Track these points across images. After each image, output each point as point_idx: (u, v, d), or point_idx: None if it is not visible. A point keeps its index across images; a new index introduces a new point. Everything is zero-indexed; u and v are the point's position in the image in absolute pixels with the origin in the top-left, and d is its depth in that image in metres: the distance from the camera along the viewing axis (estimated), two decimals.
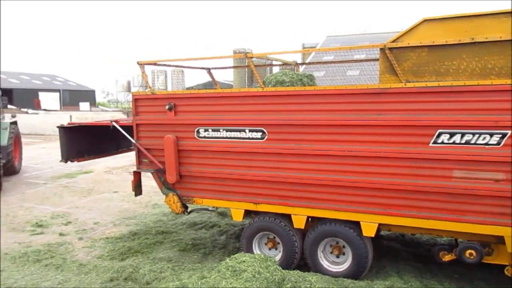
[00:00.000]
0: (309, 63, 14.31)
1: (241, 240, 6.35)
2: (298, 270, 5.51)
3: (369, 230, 5.43)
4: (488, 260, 5.17)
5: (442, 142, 4.84)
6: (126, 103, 55.03)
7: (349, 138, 5.30)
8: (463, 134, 4.74)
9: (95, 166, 14.71)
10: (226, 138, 6.00)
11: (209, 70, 8.16)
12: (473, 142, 4.71)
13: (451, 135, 4.80)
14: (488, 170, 4.70)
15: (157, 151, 6.51)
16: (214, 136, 6.08)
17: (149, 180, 8.05)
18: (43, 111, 33.90)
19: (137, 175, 7.08)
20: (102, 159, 8.83)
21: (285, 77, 6.45)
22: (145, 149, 6.60)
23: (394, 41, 5.29)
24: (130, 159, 15.00)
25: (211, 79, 8.40)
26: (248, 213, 6.26)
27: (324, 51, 27.76)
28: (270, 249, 6.21)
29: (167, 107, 6.28)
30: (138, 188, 7.16)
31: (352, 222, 5.54)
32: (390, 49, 5.19)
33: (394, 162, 5.11)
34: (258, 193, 5.95)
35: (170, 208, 6.66)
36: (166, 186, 6.58)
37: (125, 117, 22.00)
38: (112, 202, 10.48)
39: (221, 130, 6.03)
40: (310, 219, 5.86)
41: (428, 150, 4.92)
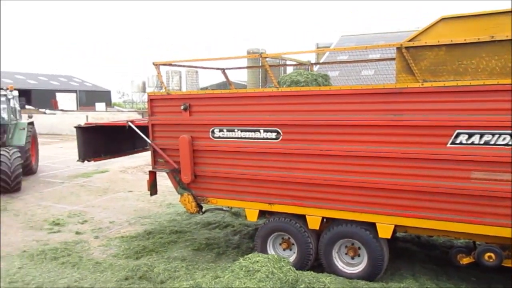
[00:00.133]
0: (323, 63, 14.24)
1: (255, 240, 6.34)
2: (311, 271, 5.48)
3: (385, 232, 5.36)
4: (508, 263, 5.05)
5: (460, 143, 4.75)
6: (141, 104, 55.60)
7: (365, 138, 5.24)
8: (482, 135, 4.64)
9: (111, 165, 14.89)
10: (241, 138, 6.00)
11: (223, 71, 8.18)
12: (492, 142, 4.60)
13: (470, 136, 4.70)
14: (508, 172, 4.59)
15: (172, 151, 6.54)
16: (228, 136, 6.09)
17: (164, 179, 8.10)
18: (60, 112, 34.50)
19: (152, 175, 7.13)
20: (118, 159, 8.92)
21: (300, 77, 6.42)
22: (160, 149, 6.64)
23: (411, 40, 5.21)
24: (145, 159, 15.15)
25: (226, 80, 8.42)
26: (262, 213, 6.25)
27: (338, 51, 27.60)
28: (284, 249, 6.18)
29: (182, 108, 6.31)
30: (153, 187, 7.21)
31: (368, 224, 5.48)
32: (406, 48, 5.12)
33: (411, 163, 5.04)
34: (273, 193, 5.93)
35: (185, 207, 6.70)
36: (181, 185, 6.61)
37: (140, 117, 22.22)
38: (127, 201, 10.59)
39: (235, 130, 6.03)
40: (325, 220, 5.82)
41: (445, 151, 4.83)
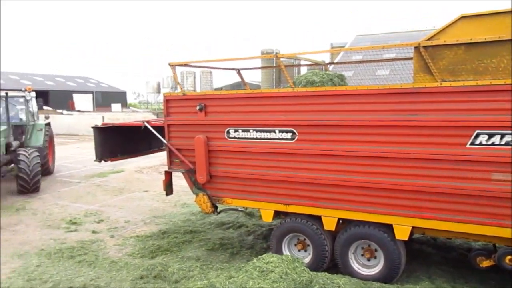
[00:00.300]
0: (338, 63, 14.14)
1: (270, 240, 6.32)
2: (326, 272, 5.44)
3: (402, 233, 5.28)
4: None
5: (480, 143, 4.65)
6: (156, 104, 56.10)
7: (382, 139, 5.18)
8: (503, 135, 4.53)
9: (126, 165, 15.05)
10: (256, 138, 5.99)
11: (238, 71, 8.20)
12: None
13: (490, 136, 4.60)
14: None
15: (187, 151, 6.57)
16: (244, 136, 6.09)
17: (178, 179, 8.16)
18: (77, 112, 35.07)
19: (168, 175, 7.16)
20: (133, 159, 9.02)
21: (315, 77, 6.39)
22: (176, 149, 6.68)
23: (429, 39, 5.12)
24: (160, 159, 15.29)
25: (240, 80, 8.43)
26: (277, 213, 6.23)
27: (353, 51, 27.40)
28: (299, 250, 6.15)
29: (198, 108, 6.32)
30: (169, 187, 7.25)
31: (384, 225, 5.41)
32: (425, 47, 5.03)
33: (429, 164, 4.95)
34: (288, 194, 5.91)
35: (200, 208, 6.72)
36: (196, 186, 6.63)
37: (155, 117, 22.41)
38: (142, 201, 10.69)
39: (251, 131, 6.03)
40: (341, 221, 5.77)
41: (465, 151, 4.74)
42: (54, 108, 37.22)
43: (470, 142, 4.71)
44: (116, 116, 28.47)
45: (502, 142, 4.55)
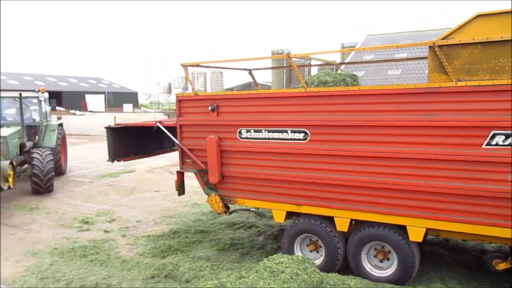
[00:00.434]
0: (350, 63, 14.06)
1: (282, 240, 6.28)
2: (336, 273, 5.41)
3: (416, 235, 5.21)
4: None
5: (497, 144, 4.57)
6: (167, 105, 56.44)
7: (395, 139, 5.12)
8: None
9: (137, 165, 15.16)
10: (268, 139, 5.97)
11: (250, 71, 8.20)
12: None
13: (507, 137, 4.51)
14: None
15: (199, 152, 6.57)
16: (256, 137, 6.07)
17: (189, 179, 8.18)
18: (89, 113, 35.45)
19: (180, 175, 7.18)
20: (144, 159, 9.08)
21: (328, 77, 6.35)
22: (188, 149, 6.69)
23: (444, 38, 5.04)
24: (170, 159, 15.37)
25: (251, 80, 8.44)
26: (289, 214, 6.20)
27: (365, 51, 27.25)
28: (311, 251, 6.11)
29: (210, 108, 6.32)
30: (181, 187, 7.27)
31: (398, 226, 5.35)
32: (439, 46, 4.95)
33: (444, 165, 4.88)
34: (300, 194, 5.87)
35: (212, 208, 6.72)
36: (208, 186, 6.63)
37: (166, 118, 22.54)
38: (153, 201, 10.75)
39: (263, 131, 6.01)
40: (353, 222, 5.72)
41: (481, 152, 4.66)
42: (67, 108, 37.69)
43: (486, 143, 4.63)
44: (127, 116, 28.72)
45: None
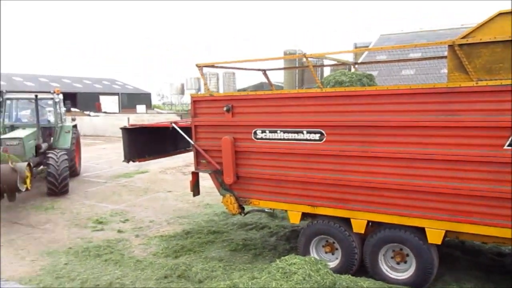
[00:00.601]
0: (364, 63, 13.93)
1: (298, 241, 6.23)
2: (349, 275, 5.37)
3: (435, 237, 5.11)
4: None
5: None
6: (180, 106, 56.76)
7: (413, 140, 5.04)
8: None
9: (151, 166, 15.28)
10: (284, 139, 5.95)
11: (264, 72, 8.18)
12: None
13: None
14: None
15: (214, 152, 6.58)
16: (271, 137, 6.05)
17: (201, 180, 8.22)
18: (104, 114, 35.84)
19: (195, 176, 7.21)
20: (157, 160, 9.15)
21: (344, 77, 6.30)
22: (203, 150, 6.70)
23: (464, 37, 4.95)
24: (183, 160, 15.45)
25: (263, 81, 8.44)
26: (305, 215, 6.16)
27: (377, 50, 27.00)
28: (326, 253, 6.05)
29: (225, 109, 6.33)
30: (196, 188, 7.30)
31: (416, 228, 5.26)
32: (460, 45, 4.88)
33: (464, 166, 4.79)
34: (316, 195, 5.83)
35: (227, 208, 6.73)
36: (223, 187, 6.63)
37: (178, 118, 22.68)
38: (166, 201, 10.83)
39: (278, 132, 5.99)
40: (370, 224, 5.65)
41: (502, 153, 4.57)
42: (82, 109, 38.18)
43: (508, 143, 4.54)
44: (141, 117, 28.98)
45: None
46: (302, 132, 5.79)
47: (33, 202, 10.63)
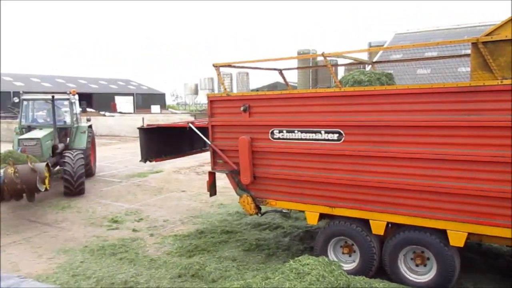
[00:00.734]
0: (379, 62, 13.79)
1: (316, 241, 6.15)
2: (363, 276, 5.32)
3: (457, 240, 4.99)
4: None
5: None
6: (193, 106, 57.11)
7: (434, 140, 4.93)
8: None
9: (165, 166, 15.40)
10: (301, 139, 5.89)
11: (280, 71, 8.15)
12: None
13: None
14: None
15: (231, 152, 6.55)
16: (288, 137, 6.01)
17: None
18: (119, 114, 36.28)
19: (212, 176, 7.21)
20: (171, 160, 9.22)
21: (363, 76, 6.21)
22: (219, 150, 6.69)
23: (488, 34, 4.83)
24: (197, 160, 15.53)
25: (277, 81, 8.45)
26: (322, 216, 6.08)
27: (392, 49, 26.71)
28: (343, 254, 5.97)
29: (242, 109, 6.30)
30: (213, 188, 7.30)
31: (437, 230, 5.15)
32: (484, 43, 4.76)
33: (487, 167, 4.66)
34: (334, 196, 5.75)
35: (243, 209, 6.71)
36: (240, 187, 6.61)
37: (192, 118, 22.80)
38: (180, 201, 10.89)
39: (295, 132, 5.94)
40: (390, 225, 5.56)
41: None
42: (97, 110, 38.70)
43: None
44: (155, 117, 29.22)
45: None
46: (320, 132, 5.72)
47: (49, 201, 10.80)
